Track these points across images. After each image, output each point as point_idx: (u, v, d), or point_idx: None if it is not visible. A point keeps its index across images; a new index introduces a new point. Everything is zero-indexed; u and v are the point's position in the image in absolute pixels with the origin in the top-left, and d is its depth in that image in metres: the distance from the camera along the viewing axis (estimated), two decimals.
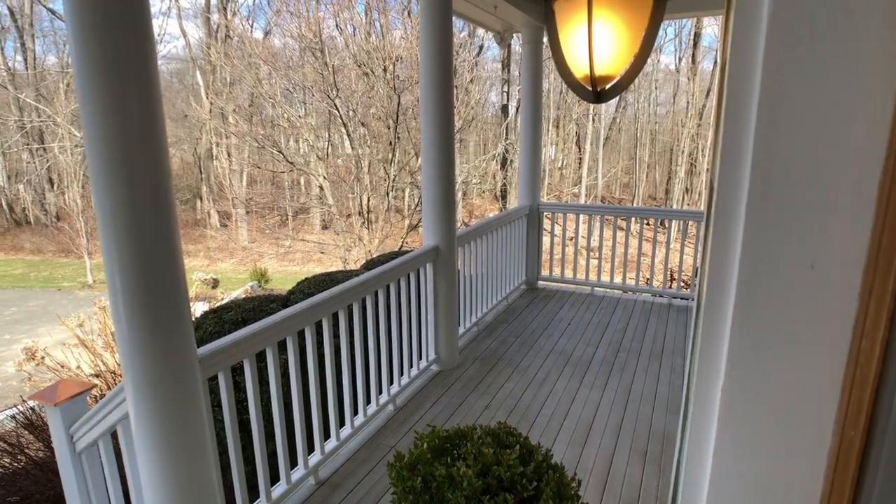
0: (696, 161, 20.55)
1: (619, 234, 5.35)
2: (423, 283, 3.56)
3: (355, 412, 2.92)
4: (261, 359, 2.33)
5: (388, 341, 3.15)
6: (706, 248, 0.79)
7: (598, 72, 1.63)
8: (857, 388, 0.59)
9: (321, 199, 15.13)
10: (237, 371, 2.67)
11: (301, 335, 2.48)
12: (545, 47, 5.77)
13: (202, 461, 1.86)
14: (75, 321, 7.02)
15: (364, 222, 13.48)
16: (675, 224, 5.71)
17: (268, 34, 20.08)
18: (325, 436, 2.72)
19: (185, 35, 23.48)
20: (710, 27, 20.06)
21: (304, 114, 15.22)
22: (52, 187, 21.82)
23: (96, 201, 1.56)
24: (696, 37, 20.44)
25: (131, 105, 1.50)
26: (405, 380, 3.38)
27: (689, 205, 20.68)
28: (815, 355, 0.62)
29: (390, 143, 12.94)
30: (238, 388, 2.54)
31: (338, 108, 12.89)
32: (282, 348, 2.42)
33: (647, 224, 14.96)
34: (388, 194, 13.48)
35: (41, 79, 21.39)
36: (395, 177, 13.27)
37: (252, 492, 2.23)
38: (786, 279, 0.62)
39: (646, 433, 2.96)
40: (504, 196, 18.80)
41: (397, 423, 3.11)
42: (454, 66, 3.99)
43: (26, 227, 21.92)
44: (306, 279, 4.27)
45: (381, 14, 14.05)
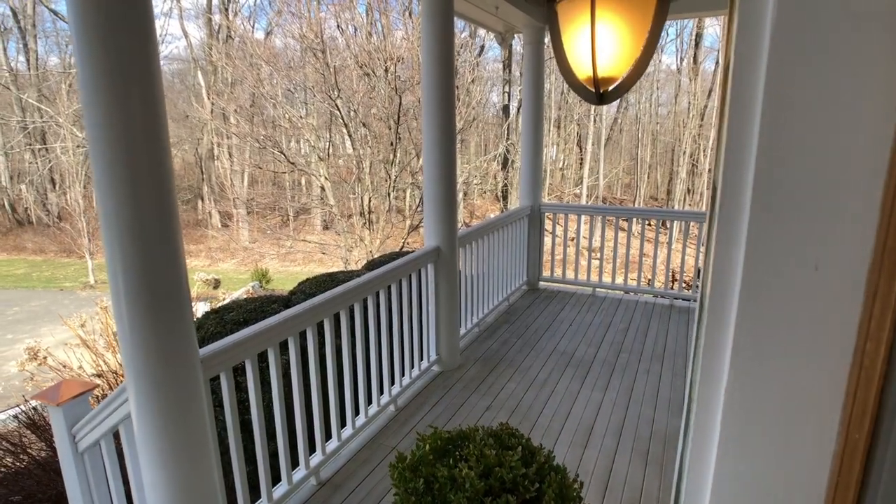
0: (697, 161, 20.54)
1: (621, 235, 5.35)
2: (425, 283, 3.56)
3: (356, 412, 2.92)
4: (262, 359, 2.34)
5: (389, 341, 3.15)
6: (709, 249, 0.79)
7: (601, 73, 1.63)
8: (862, 391, 0.59)
9: (322, 199, 15.13)
10: (239, 371, 2.67)
11: (303, 335, 2.48)
12: (546, 48, 5.77)
13: (204, 461, 1.86)
14: (77, 321, 7.04)
15: (365, 223, 13.48)
16: (676, 225, 5.70)
17: (269, 35, 20.12)
18: (327, 436, 2.72)
19: (186, 35, 23.59)
20: (712, 27, 20.08)
21: (306, 114, 15.22)
22: (55, 187, 21.87)
23: (99, 202, 1.57)
24: (698, 37, 20.45)
25: (134, 106, 1.51)
26: (406, 380, 3.38)
27: (690, 205, 20.67)
28: (819, 357, 0.62)
29: (391, 144, 12.95)
30: (239, 388, 2.54)
31: (339, 109, 12.89)
32: (283, 349, 2.42)
33: (649, 225, 14.94)
34: (389, 195, 13.48)
35: (43, 79, 21.43)
36: (396, 177, 13.28)
37: (253, 492, 2.24)
38: (789, 280, 0.62)
39: (647, 434, 2.96)
40: (505, 196, 18.82)
41: (398, 423, 3.11)
42: (455, 66, 3.99)
43: (28, 228, 21.97)
44: (307, 279, 4.28)
45: (382, 14, 14.07)
